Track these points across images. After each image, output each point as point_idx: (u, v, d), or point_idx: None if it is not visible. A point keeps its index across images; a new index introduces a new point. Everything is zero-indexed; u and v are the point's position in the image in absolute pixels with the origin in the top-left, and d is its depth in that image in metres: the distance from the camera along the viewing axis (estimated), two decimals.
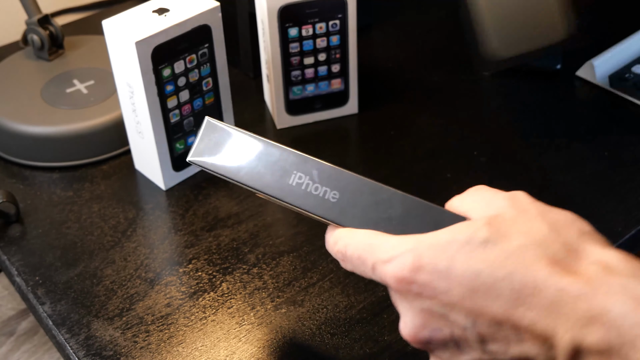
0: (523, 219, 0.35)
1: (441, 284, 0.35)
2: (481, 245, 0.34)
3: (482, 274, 0.34)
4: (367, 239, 0.39)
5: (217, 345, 0.56)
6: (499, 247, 0.34)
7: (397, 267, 0.36)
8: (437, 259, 0.35)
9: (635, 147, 0.75)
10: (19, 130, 0.73)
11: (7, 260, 0.64)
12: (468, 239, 0.34)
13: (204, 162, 0.45)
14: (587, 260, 0.33)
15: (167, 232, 0.67)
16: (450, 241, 0.35)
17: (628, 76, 0.82)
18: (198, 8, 0.65)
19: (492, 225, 0.35)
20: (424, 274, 0.35)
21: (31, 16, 0.83)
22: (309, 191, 0.43)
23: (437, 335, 0.37)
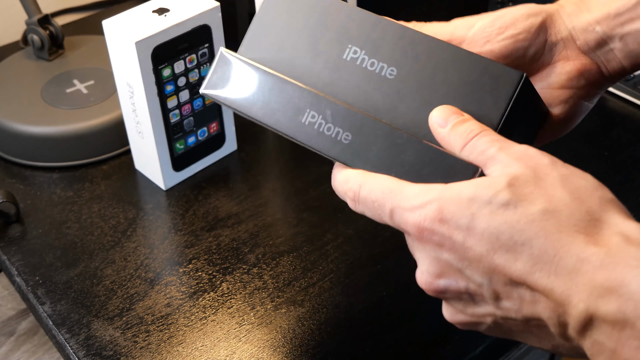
0: (545, 184, 0.35)
1: (462, 238, 0.35)
2: (502, 207, 0.34)
3: (502, 235, 0.34)
4: (386, 183, 0.39)
5: (217, 345, 0.56)
6: (520, 210, 0.34)
7: (420, 216, 0.36)
8: (459, 214, 0.35)
9: (635, 147, 0.75)
10: (19, 130, 0.73)
11: (7, 260, 0.64)
12: (490, 199, 0.34)
13: (216, 95, 0.44)
14: (609, 230, 0.33)
15: (167, 232, 0.67)
16: (472, 198, 0.35)
17: (628, 76, 0.82)
18: (198, 8, 0.65)
19: (514, 187, 0.35)
20: (446, 226, 0.35)
21: (31, 16, 0.83)
22: (321, 131, 0.42)
23: (453, 286, 0.37)
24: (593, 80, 0.46)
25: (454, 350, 0.56)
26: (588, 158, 0.73)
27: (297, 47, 0.44)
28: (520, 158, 0.36)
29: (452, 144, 0.38)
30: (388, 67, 0.42)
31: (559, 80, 0.45)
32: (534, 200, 0.34)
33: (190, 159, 0.72)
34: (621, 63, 0.45)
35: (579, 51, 0.45)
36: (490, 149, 0.37)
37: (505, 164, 0.36)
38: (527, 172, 0.35)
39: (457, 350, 0.56)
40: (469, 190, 0.35)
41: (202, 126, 0.71)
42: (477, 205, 0.35)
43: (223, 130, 0.73)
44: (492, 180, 0.35)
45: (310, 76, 0.44)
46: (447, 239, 0.35)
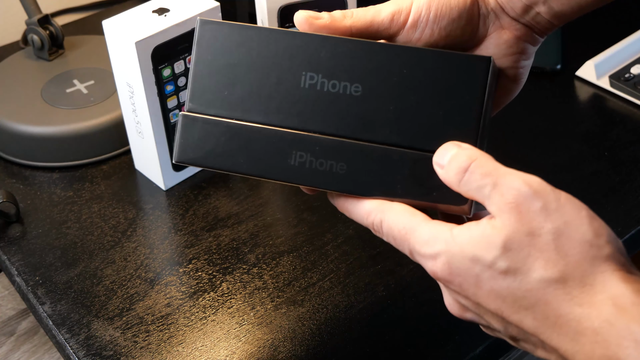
0: (539, 245, 0.36)
1: (473, 293, 0.38)
2: (502, 274, 0.36)
3: (507, 299, 0.37)
4: (402, 220, 0.40)
5: (217, 345, 0.56)
6: (519, 278, 0.36)
7: (433, 267, 0.38)
8: (466, 272, 0.37)
9: (635, 147, 0.75)
10: (19, 130, 0.73)
11: (7, 260, 0.64)
12: (490, 264, 0.36)
13: (192, 161, 0.42)
14: (601, 295, 0.35)
15: (167, 232, 0.67)
16: (474, 259, 0.37)
17: (628, 76, 0.82)
18: (198, 8, 0.65)
19: (511, 253, 0.36)
20: (457, 279, 0.38)
21: (31, 16, 0.83)
22: (314, 168, 0.41)
23: (477, 320, 0.40)
24: (529, 41, 0.46)
25: (454, 350, 0.56)
26: (588, 158, 0.73)
27: (249, 89, 0.42)
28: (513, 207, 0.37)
29: (451, 183, 0.39)
30: (351, 85, 0.41)
31: (500, 50, 0.46)
32: (531, 267, 0.36)
33: None
34: (550, 22, 0.45)
35: (510, 18, 0.45)
36: (484, 188, 0.38)
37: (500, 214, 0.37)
38: (521, 229, 0.36)
39: (457, 350, 0.56)
40: (470, 248, 0.37)
41: None
42: (480, 267, 0.37)
43: None
44: (489, 239, 0.37)
45: (277, 115, 0.42)
46: (461, 290, 0.38)
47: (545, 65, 0.85)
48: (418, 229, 0.39)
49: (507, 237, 0.36)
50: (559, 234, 0.36)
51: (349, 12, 0.44)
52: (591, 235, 0.36)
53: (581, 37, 0.92)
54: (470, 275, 0.37)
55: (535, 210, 0.36)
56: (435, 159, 0.40)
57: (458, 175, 0.38)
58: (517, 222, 0.36)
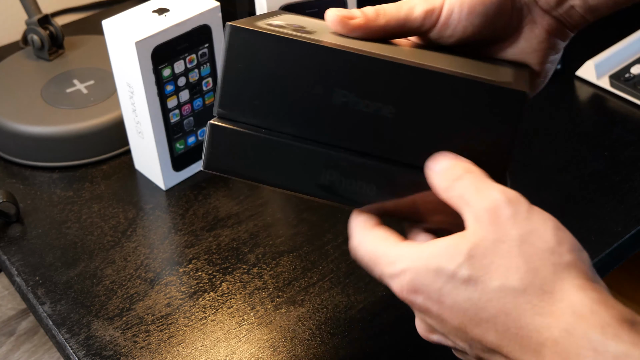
0: (502, 252, 0.36)
1: (437, 310, 0.38)
2: (464, 283, 0.36)
3: (468, 312, 0.36)
4: (373, 247, 0.41)
5: (217, 345, 0.56)
6: (480, 287, 0.36)
7: (397, 286, 0.39)
8: (429, 286, 0.37)
9: (635, 147, 0.75)
10: (19, 130, 0.73)
11: (7, 260, 0.64)
12: (452, 274, 0.36)
13: (221, 170, 0.41)
14: (560, 303, 0.35)
15: (167, 232, 0.67)
16: (437, 270, 0.37)
17: (628, 76, 0.82)
18: (198, 8, 0.65)
19: (473, 261, 0.36)
20: (420, 297, 0.38)
21: (31, 16, 0.83)
22: (343, 186, 0.41)
23: (443, 342, 0.40)
24: (560, 36, 0.46)
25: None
26: (588, 158, 0.73)
27: (281, 100, 0.41)
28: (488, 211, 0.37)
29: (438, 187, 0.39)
30: (384, 106, 0.40)
31: (530, 44, 0.46)
32: (492, 274, 0.36)
33: (190, 159, 0.72)
34: (583, 17, 0.45)
35: (543, 12, 0.45)
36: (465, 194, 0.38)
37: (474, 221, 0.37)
38: (489, 237, 0.36)
39: None
40: (434, 260, 0.37)
41: (202, 126, 0.71)
42: (442, 279, 0.37)
43: None
44: (455, 249, 0.37)
45: (308, 129, 0.41)
46: (425, 308, 0.38)
47: None
48: (386, 251, 0.40)
49: (473, 244, 0.37)
50: (523, 241, 0.36)
51: (381, 10, 0.43)
52: (554, 243, 0.36)
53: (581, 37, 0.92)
54: (433, 289, 0.37)
55: (504, 217, 0.37)
56: (429, 164, 0.40)
57: (447, 182, 0.39)
58: (486, 229, 0.37)
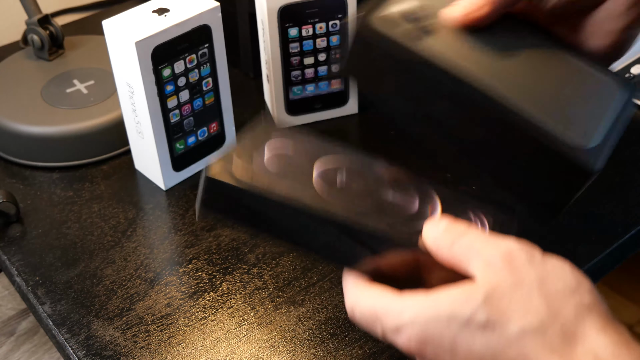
0: (520, 293, 0.36)
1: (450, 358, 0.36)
2: (481, 328, 0.35)
3: (485, 358, 0.35)
4: (371, 303, 0.39)
5: (217, 345, 0.56)
6: (498, 332, 0.35)
7: (405, 339, 0.37)
8: (440, 336, 0.36)
9: (635, 147, 0.75)
10: (19, 130, 0.73)
11: (7, 260, 0.64)
12: (468, 320, 0.35)
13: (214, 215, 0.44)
14: (582, 347, 0.35)
15: (167, 232, 0.67)
16: (450, 316, 0.36)
17: (628, 76, 0.82)
18: (198, 8, 0.65)
19: (490, 304, 0.35)
20: (430, 346, 0.37)
21: (31, 16, 0.83)
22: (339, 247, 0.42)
23: None
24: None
25: None
26: None
27: None
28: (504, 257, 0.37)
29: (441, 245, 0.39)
30: None
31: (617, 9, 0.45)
32: (511, 317, 0.35)
33: (190, 159, 0.72)
34: None
35: None
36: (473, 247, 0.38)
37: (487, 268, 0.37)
38: (508, 279, 0.36)
39: None
40: (446, 307, 0.36)
41: (202, 126, 0.71)
42: (457, 325, 0.36)
43: (223, 130, 0.73)
44: (470, 294, 0.36)
45: None
46: (436, 357, 0.37)
47: None
48: (388, 304, 0.38)
49: (490, 288, 0.36)
50: (542, 282, 0.36)
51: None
52: (574, 284, 0.36)
53: None
54: (446, 338, 0.36)
55: (521, 261, 0.37)
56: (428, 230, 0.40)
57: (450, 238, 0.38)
58: (503, 273, 0.36)
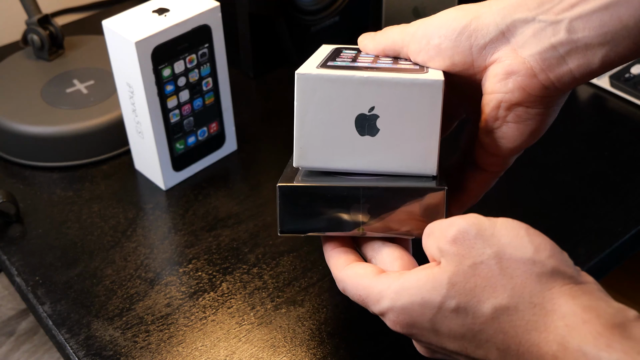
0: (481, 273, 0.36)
1: (435, 339, 0.38)
2: (454, 313, 0.36)
3: (466, 336, 0.37)
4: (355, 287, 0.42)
5: (217, 345, 0.56)
6: (471, 313, 0.36)
7: (391, 324, 0.39)
8: (419, 319, 0.37)
9: (635, 147, 0.75)
10: (19, 130, 0.73)
11: (7, 260, 0.64)
12: (439, 307, 0.37)
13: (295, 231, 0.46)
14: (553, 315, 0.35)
15: (167, 232, 0.67)
16: (423, 305, 0.37)
17: (628, 76, 0.82)
18: (198, 8, 0.65)
19: (456, 289, 0.36)
20: (415, 329, 0.38)
21: (31, 16, 0.83)
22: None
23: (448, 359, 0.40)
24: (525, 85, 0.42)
25: None
26: (588, 158, 0.73)
27: None
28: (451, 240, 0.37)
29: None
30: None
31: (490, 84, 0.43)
32: (480, 298, 0.36)
33: (190, 159, 0.72)
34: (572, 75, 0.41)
35: (512, 51, 0.41)
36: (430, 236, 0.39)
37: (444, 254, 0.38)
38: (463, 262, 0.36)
39: None
40: (418, 293, 0.37)
41: (202, 126, 0.71)
42: (431, 311, 0.37)
43: (223, 130, 0.73)
44: (434, 281, 0.37)
45: None
46: (424, 338, 0.38)
47: None
48: (369, 289, 0.40)
49: (451, 273, 0.37)
50: (500, 256, 0.36)
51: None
52: (532, 251, 0.36)
53: None
54: (424, 322, 0.37)
55: (471, 239, 0.37)
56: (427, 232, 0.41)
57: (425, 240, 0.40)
58: (458, 256, 0.37)
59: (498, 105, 0.43)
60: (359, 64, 0.45)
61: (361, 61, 0.46)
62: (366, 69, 0.43)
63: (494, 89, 0.42)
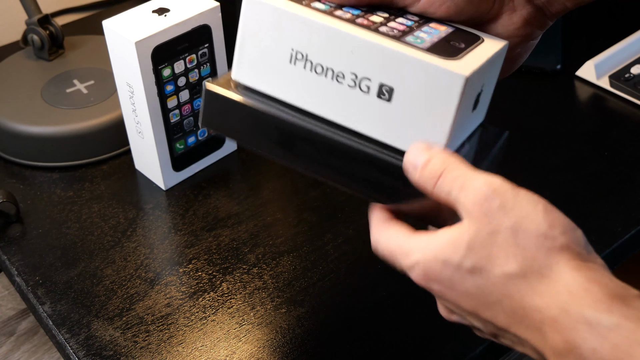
0: (498, 241, 0.39)
1: (451, 295, 0.40)
2: (469, 272, 0.39)
3: (478, 297, 0.39)
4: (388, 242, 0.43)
5: (217, 345, 0.56)
6: (484, 275, 0.39)
7: (415, 276, 0.41)
8: (440, 274, 0.40)
9: (635, 147, 0.75)
10: (19, 130, 0.73)
11: (7, 260, 0.64)
12: (458, 265, 0.39)
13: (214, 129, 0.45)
14: (557, 284, 0.37)
15: (167, 232, 0.67)
16: (444, 260, 0.39)
17: (628, 76, 0.82)
18: (198, 8, 0.65)
19: (473, 252, 0.39)
20: (436, 284, 0.40)
21: (31, 16, 0.83)
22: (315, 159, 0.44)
23: (463, 322, 0.43)
24: (537, 25, 0.47)
25: (453, 350, 0.56)
26: (588, 158, 0.73)
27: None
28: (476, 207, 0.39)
29: (425, 186, 0.41)
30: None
31: (507, 31, 0.47)
32: (493, 263, 0.38)
33: (190, 159, 0.72)
34: (564, 5, 0.46)
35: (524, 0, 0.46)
36: (453, 191, 0.40)
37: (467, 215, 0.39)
38: (483, 229, 0.39)
39: (457, 351, 0.56)
40: (440, 252, 0.40)
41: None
42: (451, 269, 0.39)
43: None
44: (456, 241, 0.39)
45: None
46: (442, 294, 0.41)
47: (545, 65, 0.85)
48: (401, 244, 0.42)
49: (470, 237, 0.39)
50: (516, 228, 0.38)
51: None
52: (546, 227, 0.38)
53: (581, 37, 0.92)
54: (444, 278, 0.40)
55: (494, 208, 0.39)
56: (409, 159, 0.41)
57: (432, 180, 0.40)
58: (479, 222, 0.39)
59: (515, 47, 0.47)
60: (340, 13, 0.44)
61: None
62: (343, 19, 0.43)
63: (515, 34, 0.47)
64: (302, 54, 0.43)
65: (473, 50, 0.43)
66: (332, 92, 0.43)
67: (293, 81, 0.44)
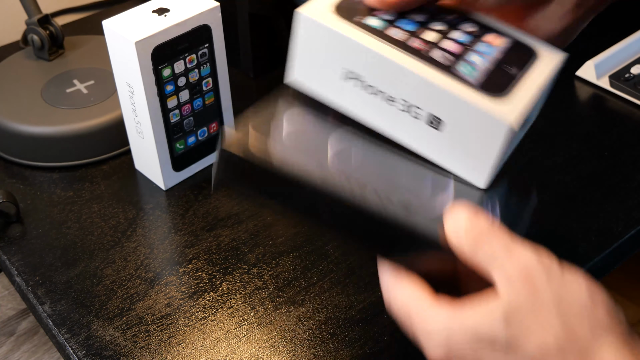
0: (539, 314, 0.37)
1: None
2: (503, 349, 0.36)
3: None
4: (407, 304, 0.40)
5: (217, 345, 0.56)
6: (519, 353, 0.36)
7: (433, 345, 0.39)
8: (465, 348, 0.37)
9: (635, 147, 0.75)
10: (19, 130, 0.73)
11: (7, 260, 0.64)
12: (490, 339, 0.37)
13: None
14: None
15: (167, 232, 0.67)
16: (474, 334, 0.37)
17: (628, 76, 0.82)
18: (198, 8, 0.65)
19: (510, 325, 0.36)
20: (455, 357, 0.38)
21: (31, 16, 0.83)
22: None
23: None
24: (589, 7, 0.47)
25: None
26: (588, 158, 0.73)
27: None
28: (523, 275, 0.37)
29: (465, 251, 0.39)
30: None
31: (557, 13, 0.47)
32: (530, 337, 0.36)
33: (190, 159, 0.72)
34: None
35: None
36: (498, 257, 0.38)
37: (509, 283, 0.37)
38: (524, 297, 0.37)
39: None
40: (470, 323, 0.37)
41: (202, 126, 0.71)
42: (479, 342, 0.37)
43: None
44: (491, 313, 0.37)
45: None
46: None
47: None
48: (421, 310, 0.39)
49: (510, 306, 0.37)
50: (559, 302, 0.37)
51: None
52: (590, 303, 0.37)
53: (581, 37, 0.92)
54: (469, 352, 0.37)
55: (539, 278, 0.37)
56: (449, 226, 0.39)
57: (473, 246, 0.38)
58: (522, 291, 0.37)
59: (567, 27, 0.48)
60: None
61: None
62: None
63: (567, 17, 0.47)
64: (354, 74, 0.43)
65: (525, 77, 0.43)
66: (384, 111, 0.43)
67: (346, 95, 0.44)
